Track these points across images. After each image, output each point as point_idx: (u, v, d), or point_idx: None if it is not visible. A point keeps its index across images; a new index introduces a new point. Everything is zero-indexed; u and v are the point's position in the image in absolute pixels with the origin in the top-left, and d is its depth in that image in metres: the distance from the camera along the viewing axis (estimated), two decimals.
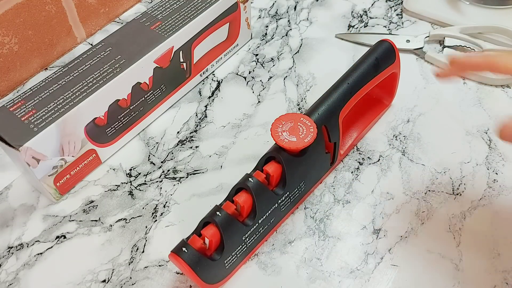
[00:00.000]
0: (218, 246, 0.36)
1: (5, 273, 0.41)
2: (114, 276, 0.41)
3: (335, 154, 0.44)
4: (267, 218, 0.39)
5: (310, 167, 0.41)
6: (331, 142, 0.42)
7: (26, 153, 0.40)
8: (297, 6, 0.65)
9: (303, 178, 0.41)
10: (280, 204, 0.40)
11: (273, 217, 0.40)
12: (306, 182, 0.42)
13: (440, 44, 0.58)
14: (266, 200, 0.38)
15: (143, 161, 0.49)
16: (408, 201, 0.45)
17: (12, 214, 0.45)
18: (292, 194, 0.41)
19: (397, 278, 0.40)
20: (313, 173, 0.42)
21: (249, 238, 0.38)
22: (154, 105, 0.51)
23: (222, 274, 0.38)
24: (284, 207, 0.41)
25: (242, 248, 0.38)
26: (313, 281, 0.40)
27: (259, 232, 0.39)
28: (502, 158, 0.47)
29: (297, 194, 0.41)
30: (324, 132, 0.41)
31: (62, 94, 0.43)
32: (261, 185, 0.37)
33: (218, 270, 0.37)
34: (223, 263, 0.37)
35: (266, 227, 0.40)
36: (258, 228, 0.39)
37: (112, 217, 0.45)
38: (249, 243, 0.39)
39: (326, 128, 0.41)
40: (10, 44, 0.53)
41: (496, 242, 0.42)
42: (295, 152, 0.38)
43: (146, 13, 0.50)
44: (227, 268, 0.38)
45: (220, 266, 0.37)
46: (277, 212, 0.40)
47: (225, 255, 0.36)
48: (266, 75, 0.56)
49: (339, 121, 0.42)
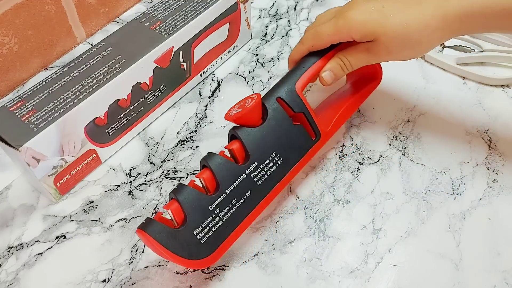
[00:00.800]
0: (183, 219, 0.37)
1: (5, 273, 0.41)
2: (114, 276, 0.41)
3: (312, 126, 0.43)
4: (237, 189, 0.39)
5: (279, 139, 0.41)
6: (296, 113, 0.42)
7: (26, 153, 0.40)
8: (297, 6, 0.65)
9: (273, 149, 0.41)
10: (251, 176, 0.39)
11: (249, 190, 0.39)
12: (282, 155, 0.41)
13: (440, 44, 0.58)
14: (228, 171, 0.38)
15: (143, 161, 0.49)
16: (408, 201, 0.45)
17: (12, 214, 0.45)
18: (265, 166, 0.40)
19: (397, 278, 0.40)
20: (288, 145, 0.42)
21: (220, 209, 0.38)
22: (154, 105, 0.51)
23: (203, 250, 0.37)
24: (260, 180, 0.40)
25: (214, 219, 0.37)
26: (313, 281, 0.40)
27: (233, 204, 0.38)
28: (502, 158, 0.47)
29: (274, 167, 0.41)
30: (283, 105, 0.42)
31: (62, 94, 0.43)
32: (220, 158, 0.39)
33: (192, 244, 0.36)
34: (193, 234, 0.36)
35: (242, 200, 0.39)
36: (230, 199, 0.38)
37: (112, 217, 0.45)
38: (222, 215, 0.38)
39: (282, 100, 0.42)
40: (10, 44, 0.53)
41: (496, 242, 0.42)
42: (250, 124, 0.40)
43: (146, 13, 0.51)
44: (203, 242, 0.37)
45: (191, 238, 0.36)
46: (251, 185, 0.39)
47: (191, 225, 0.36)
48: (266, 75, 0.56)
49: (298, 93, 0.42)
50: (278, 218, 0.44)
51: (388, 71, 0.54)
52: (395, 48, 0.41)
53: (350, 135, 0.50)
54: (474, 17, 0.38)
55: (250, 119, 0.40)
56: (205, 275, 0.41)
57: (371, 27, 0.40)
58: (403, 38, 0.40)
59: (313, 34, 0.44)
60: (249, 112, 0.39)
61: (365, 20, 0.40)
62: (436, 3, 0.39)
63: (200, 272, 0.41)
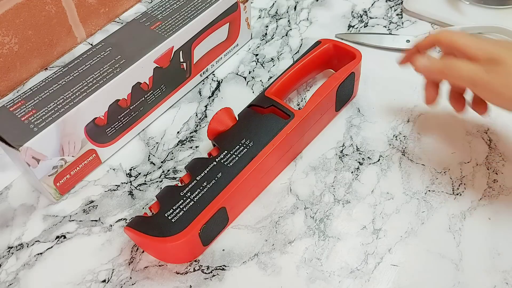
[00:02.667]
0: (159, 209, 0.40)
1: (5, 273, 0.41)
2: (114, 276, 0.41)
3: (283, 110, 0.46)
4: (208, 174, 0.41)
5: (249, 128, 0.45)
6: (266, 107, 0.46)
7: (26, 153, 0.40)
8: (297, 6, 0.65)
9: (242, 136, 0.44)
10: (222, 161, 0.42)
11: (219, 172, 0.41)
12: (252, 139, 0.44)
13: None
14: (200, 163, 0.42)
15: (143, 161, 0.49)
16: (408, 201, 0.45)
17: (12, 214, 0.45)
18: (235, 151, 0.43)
19: (397, 278, 0.40)
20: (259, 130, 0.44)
21: (191, 192, 0.40)
22: (154, 105, 0.51)
23: (174, 228, 0.38)
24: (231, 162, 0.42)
25: (185, 202, 0.40)
26: (313, 281, 0.40)
27: (203, 186, 0.41)
28: (502, 158, 0.47)
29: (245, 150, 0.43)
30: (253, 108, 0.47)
31: (62, 94, 0.43)
32: (196, 159, 0.43)
33: (164, 224, 0.39)
34: (164, 216, 0.39)
35: (213, 181, 0.41)
36: (200, 183, 0.41)
37: (112, 217, 0.45)
38: (193, 197, 0.40)
39: (253, 105, 0.47)
40: (10, 44, 0.53)
41: (496, 242, 0.42)
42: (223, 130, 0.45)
43: (146, 13, 0.51)
44: (174, 221, 0.39)
45: (163, 220, 0.39)
46: (222, 168, 0.42)
47: (162, 209, 0.39)
48: (266, 75, 0.56)
49: (268, 96, 0.47)
50: (278, 218, 0.44)
51: (388, 71, 0.55)
52: None
53: (350, 135, 0.50)
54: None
55: (220, 124, 0.45)
56: (205, 275, 0.41)
57: None
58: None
59: (448, 66, 0.42)
60: (214, 121, 0.44)
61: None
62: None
63: (200, 272, 0.41)
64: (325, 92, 0.47)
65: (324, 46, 0.52)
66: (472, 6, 0.61)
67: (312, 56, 0.51)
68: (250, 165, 0.42)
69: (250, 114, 0.46)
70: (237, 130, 0.45)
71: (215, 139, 0.45)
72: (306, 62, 0.51)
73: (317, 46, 0.52)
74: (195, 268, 0.41)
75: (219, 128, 0.45)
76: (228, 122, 0.45)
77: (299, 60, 0.50)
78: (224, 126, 0.45)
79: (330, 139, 0.50)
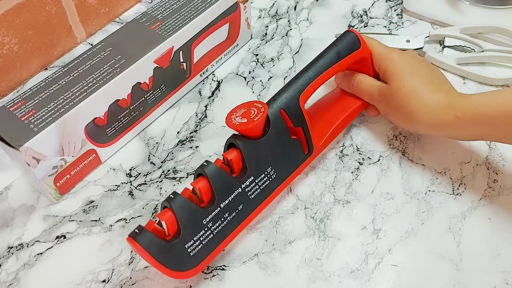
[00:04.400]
0: (176, 230, 0.36)
1: (5, 273, 0.41)
2: (114, 276, 0.41)
3: (308, 141, 0.43)
4: (231, 203, 0.38)
5: (276, 153, 0.41)
6: (296, 127, 0.42)
7: (26, 153, 0.40)
8: (297, 6, 0.65)
9: (269, 163, 0.40)
10: (246, 190, 0.39)
11: (241, 204, 0.39)
12: (276, 169, 0.41)
13: (440, 44, 0.58)
14: (225, 184, 0.38)
15: (143, 161, 0.49)
16: (408, 201, 0.45)
17: (12, 214, 0.45)
18: (259, 181, 0.40)
19: (397, 278, 0.40)
20: (283, 160, 0.42)
21: (213, 223, 0.37)
22: (154, 105, 0.51)
23: (190, 262, 0.37)
24: (253, 194, 0.40)
25: (206, 233, 0.37)
26: (313, 281, 0.40)
27: (225, 218, 0.38)
28: (502, 158, 0.47)
29: (267, 182, 0.41)
30: (284, 116, 0.41)
31: (62, 94, 0.43)
32: (218, 169, 0.38)
33: (181, 256, 0.36)
34: (184, 248, 0.36)
35: (234, 214, 0.39)
36: (223, 213, 0.38)
37: (112, 217, 0.45)
38: (214, 229, 0.38)
39: (285, 112, 0.41)
40: (10, 44, 0.53)
41: (496, 242, 0.42)
42: (251, 136, 0.39)
43: (146, 13, 0.51)
44: (192, 255, 0.37)
45: (182, 251, 0.36)
46: (244, 199, 0.39)
47: (184, 238, 0.36)
48: (266, 75, 0.56)
49: (301, 106, 0.42)
50: (278, 218, 0.44)
51: None
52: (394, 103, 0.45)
53: (350, 135, 0.50)
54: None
55: (253, 131, 0.39)
56: (205, 275, 0.41)
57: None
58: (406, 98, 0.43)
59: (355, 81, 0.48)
60: (255, 126, 0.38)
61: None
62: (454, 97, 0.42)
63: (200, 272, 0.41)
64: (342, 128, 0.48)
65: (362, 55, 0.47)
66: (472, 6, 0.61)
67: (350, 62, 0.46)
68: (267, 200, 0.41)
69: (281, 128, 0.41)
70: (265, 150, 0.40)
71: (237, 139, 0.39)
72: (342, 67, 0.46)
73: (357, 51, 0.46)
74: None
75: (251, 133, 0.39)
76: (261, 128, 0.40)
77: (337, 64, 0.45)
78: (255, 134, 0.40)
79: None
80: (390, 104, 0.45)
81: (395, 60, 0.45)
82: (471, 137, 0.43)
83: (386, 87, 0.45)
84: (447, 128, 0.42)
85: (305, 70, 0.44)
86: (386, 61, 0.45)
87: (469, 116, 0.40)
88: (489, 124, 0.39)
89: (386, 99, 0.45)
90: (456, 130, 0.42)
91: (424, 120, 0.42)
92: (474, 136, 0.42)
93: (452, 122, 0.41)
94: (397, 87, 0.44)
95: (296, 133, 0.43)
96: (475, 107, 0.40)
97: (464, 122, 0.40)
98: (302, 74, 0.43)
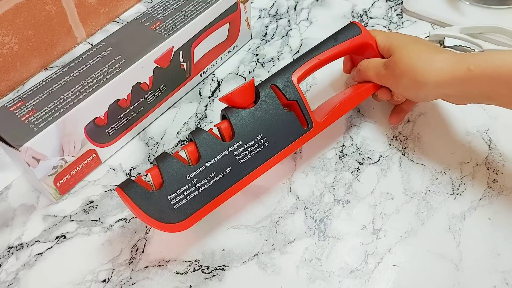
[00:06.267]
0: (161, 184, 0.38)
1: (5, 273, 0.41)
2: (114, 276, 0.41)
3: (305, 115, 0.43)
4: (218, 164, 0.40)
5: (266, 122, 0.42)
6: (289, 100, 0.43)
7: (26, 153, 0.40)
8: (297, 6, 0.65)
9: (259, 131, 0.41)
10: (234, 154, 0.40)
11: (229, 166, 0.40)
12: (268, 138, 0.42)
13: (440, 44, 0.58)
14: (211, 145, 0.40)
15: (143, 161, 0.49)
16: (408, 201, 0.45)
17: (12, 214, 0.45)
18: (249, 147, 0.41)
19: (397, 278, 0.40)
20: (276, 130, 0.42)
21: (197, 179, 0.39)
22: (154, 105, 0.51)
23: (174, 215, 0.38)
24: (243, 159, 0.41)
25: (190, 189, 0.39)
26: (313, 281, 0.40)
27: (211, 177, 0.39)
28: (502, 158, 0.47)
29: (259, 149, 0.41)
30: (275, 91, 0.43)
31: (62, 94, 0.43)
32: (206, 133, 0.40)
33: (164, 207, 0.38)
34: (167, 199, 0.38)
35: (221, 175, 0.40)
36: (209, 172, 0.39)
37: (112, 217, 0.45)
38: (199, 186, 0.39)
39: (276, 87, 0.43)
40: (10, 44, 0.53)
41: (496, 242, 0.42)
42: (240, 106, 0.42)
43: (146, 13, 0.51)
44: (176, 208, 0.38)
45: (164, 202, 0.38)
46: (233, 162, 0.40)
47: (166, 189, 0.38)
48: (266, 75, 0.56)
49: (293, 82, 0.43)
50: (278, 218, 0.44)
51: None
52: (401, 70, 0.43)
53: (350, 135, 0.50)
54: None
55: (240, 100, 0.41)
56: (205, 275, 0.41)
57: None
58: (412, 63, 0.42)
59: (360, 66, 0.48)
60: (239, 93, 0.41)
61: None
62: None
63: (200, 272, 0.41)
64: (348, 109, 0.47)
65: (362, 40, 0.47)
66: (472, 6, 0.61)
67: (348, 46, 0.47)
68: (260, 168, 0.41)
69: (271, 100, 0.42)
70: (254, 118, 0.41)
71: (226, 110, 0.41)
72: (339, 51, 0.47)
73: (356, 37, 0.47)
74: (195, 268, 0.41)
75: (238, 102, 0.41)
76: (249, 99, 0.42)
77: (333, 47, 0.46)
78: (244, 102, 0.42)
79: (330, 139, 0.50)
80: (395, 73, 0.43)
81: (398, 35, 0.46)
82: (480, 96, 0.40)
83: (391, 58, 0.44)
84: (456, 85, 0.40)
85: (302, 55, 0.46)
86: (389, 38, 0.46)
87: (482, 69, 0.38)
88: (503, 80, 0.38)
89: (391, 69, 0.44)
90: (467, 86, 0.40)
91: (433, 78, 0.41)
92: (484, 95, 0.40)
93: (463, 76, 0.39)
94: (401, 53, 0.43)
95: (292, 108, 0.44)
96: (490, 61, 0.38)
97: (476, 76, 0.39)
98: (297, 58, 0.45)
